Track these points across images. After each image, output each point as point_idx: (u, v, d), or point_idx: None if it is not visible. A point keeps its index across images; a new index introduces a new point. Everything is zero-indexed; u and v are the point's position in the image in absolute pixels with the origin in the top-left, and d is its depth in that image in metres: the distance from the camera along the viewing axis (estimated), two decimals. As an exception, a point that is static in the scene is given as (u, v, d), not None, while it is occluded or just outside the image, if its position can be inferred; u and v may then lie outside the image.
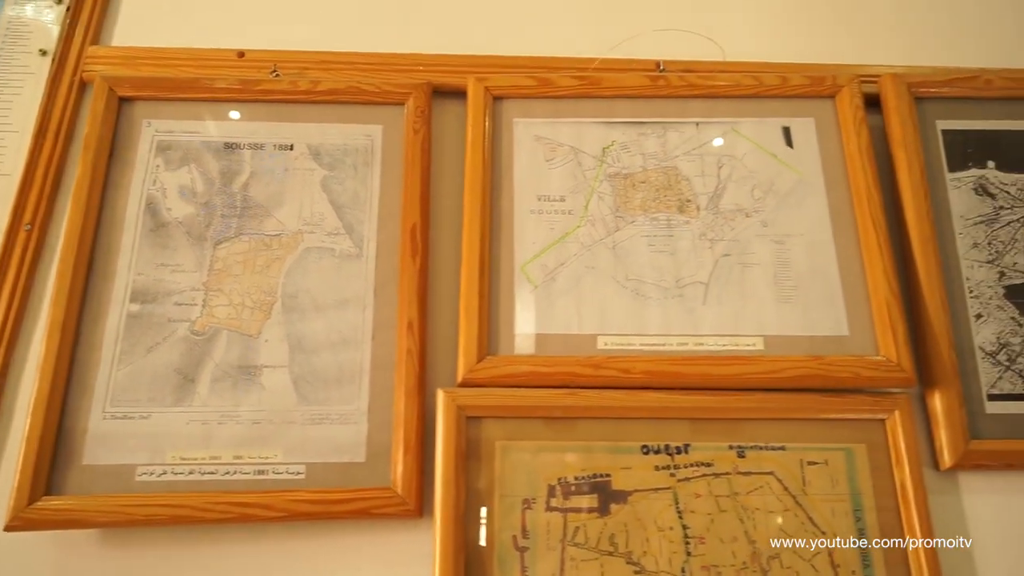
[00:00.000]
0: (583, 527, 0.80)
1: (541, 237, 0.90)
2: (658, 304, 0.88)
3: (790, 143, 0.95)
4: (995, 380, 0.88)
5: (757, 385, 0.85)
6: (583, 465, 0.83)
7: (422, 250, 0.89)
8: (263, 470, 0.81)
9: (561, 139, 0.95)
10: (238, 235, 0.90)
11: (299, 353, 0.85)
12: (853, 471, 0.84)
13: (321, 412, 0.83)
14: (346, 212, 0.91)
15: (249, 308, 0.87)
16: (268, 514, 0.79)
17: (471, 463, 0.82)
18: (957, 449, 0.84)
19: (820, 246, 0.91)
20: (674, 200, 0.93)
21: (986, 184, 0.95)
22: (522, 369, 0.84)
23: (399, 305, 0.87)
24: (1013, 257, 0.92)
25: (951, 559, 0.83)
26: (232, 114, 0.94)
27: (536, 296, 0.88)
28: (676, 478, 0.83)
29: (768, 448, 0.85)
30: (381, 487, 0.81)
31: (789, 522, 0.82)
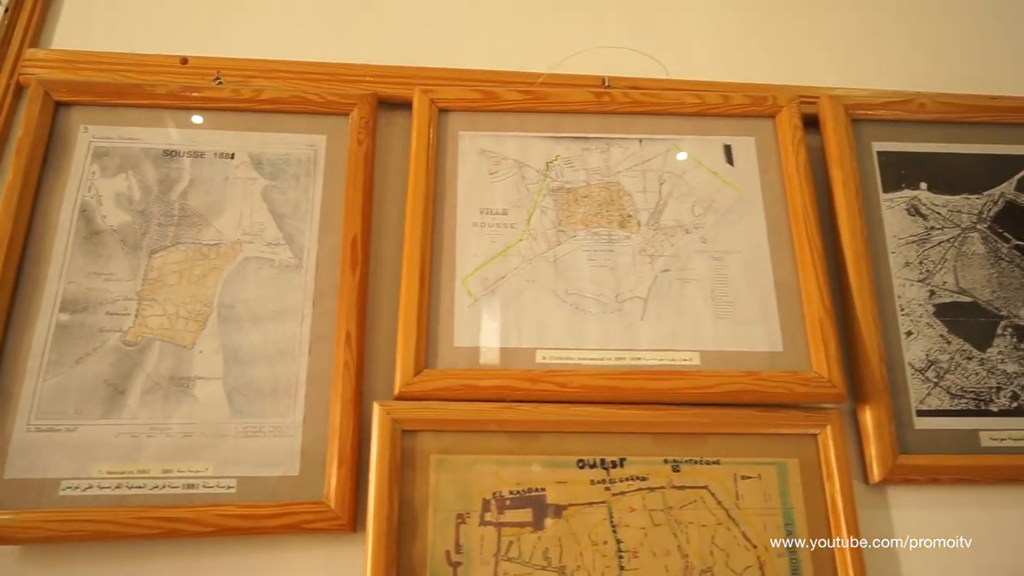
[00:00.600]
0: (517, 542, 0.80)
1: (483, 250, 0.91)
2: (597, 319, 0.89)
3: (731, 161, 0.97)
4: (924, 396, 0.90)
5: (693, 400, 0.86)
6: (518, 479, 0.83)
7: (362, 262, 0.89)
8: (193, 484, 0.80)
9: (505, 153, 0.95)
10: (175, 244, 0.88)
11: (234, 365, 0.84)
12: (785, 485, 0.86)
13: (255, 425, 0.82)
14: (287, 222, 0.90)
15: (184, 319, 0.85)
16: (196, 529, 0.77)
17: (406, 477, 0.81)
18: (886, 464, 0.86)
19: (757, 263, 0.92)
20: (616, 215, 0.94)
21: (918, 205, 0.97)
22: (459, 383, 0.84)
23: (337, 317, 0.86)
24: (943, 276, 0.95)
25: (877, 569, 0.85)
26: (174, 121, 0.93)
27: (476, 309, 0.88)
28: (611, 492, 0.83)
29: (703, 462, 0.86)
30: (314, 501, 0.80)
31: (722, 536, 0.83)
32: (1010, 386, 0.91)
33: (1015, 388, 0.91)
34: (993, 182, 0.99)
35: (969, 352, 0.92)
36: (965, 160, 1.00)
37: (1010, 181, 0.99)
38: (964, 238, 0.97)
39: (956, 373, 0.91)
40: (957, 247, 0.96)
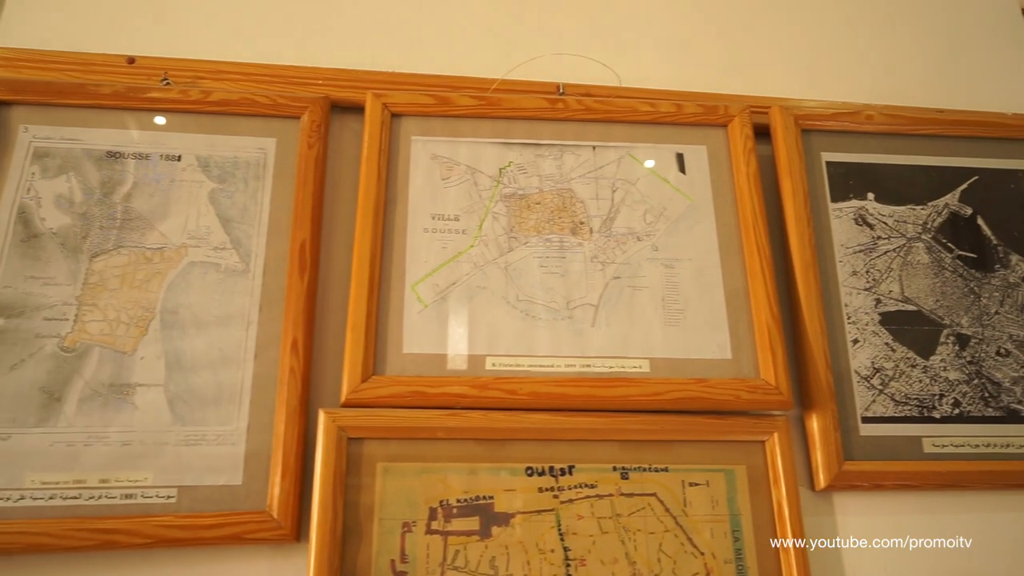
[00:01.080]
0: (464, 550, 0.80)
1: (433, 256, 0.90)
2: (547, 325, 0.89)
3: (683, 169, 0.98)
4: (869, 403, 0.91)
5: (642, 407, 0.86)
6: (466, 487, 0.82)
7: (311, 267, 0.88)
8: (131, 494, 0.78)
9: (458, 158, 0.95)
10: (117, 248, 0.86)
11: (176, 371, 0.83)
12: (733, 492, 0.86)
13: (197, 433, 0.81)
14: (234, 226, 0.89)
15: (125, 324, 0.84)
16: (134, 540, 0.75)
17: (351, 485, 0.80)
18: (831, 470, 0.87)
19: (707, 270, 0.93)
20: (568, 222, 0.94)
21: (865, 215, 0.99)
22: (407, 390, 0.83)
23: (284, 323, 0.85)
24: (888, 285, 0.96)
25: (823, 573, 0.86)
26: (118, 122, 0.91)
27: (426, 316, 0.87)
28: (559, 500, 0.83)
29: (651, 470, 0.86)
30: (256, 511, 0.78)
31: (669, 543, 0.83)
32: (952, 393, 0.93)
33: (957, 395, 0.93)
34: (937, 193, 1.01)
35: (913, 360, 0.94)
36: (911, 171, 1.02)
37: (954, 192, 1.02)
38: (909, 248, 0.98)
39: (900, 380, 0.93)
40: (903, 256, 0.98)
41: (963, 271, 0.98)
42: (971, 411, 0.92)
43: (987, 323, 0.96)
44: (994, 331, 0.96)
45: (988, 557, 0.89)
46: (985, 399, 0.93)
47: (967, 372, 0.94)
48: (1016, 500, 0.91)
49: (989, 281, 0.98)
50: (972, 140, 1.04)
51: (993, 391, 0.94)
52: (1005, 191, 1.03)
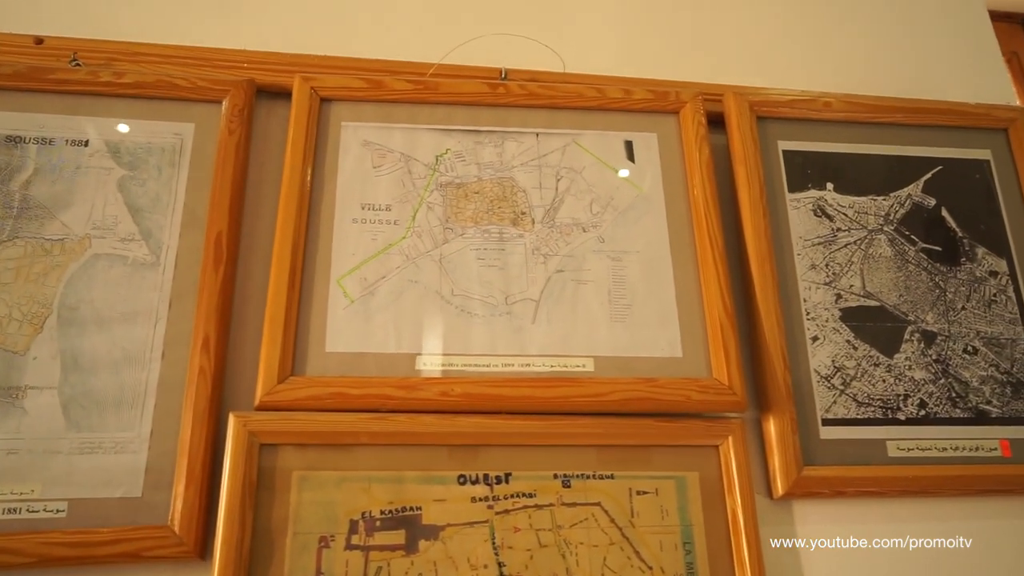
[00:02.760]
0: (387, 567, 0.72)
1: (362, 248, 0.84)
2: (484, 322, 0.82)
3: (632, 157, 0.92)
4: (830, 404, 0.86)
5: (585, 409, 0.80)
6: (391, 497, 0.75)
7: (227, 260, 0.81)
8: (15, 508, 0.70)
9: (392, 145, 0.89)
10: (12, 239, 0.79)
11: (73, 373, 0.75)
12: (684, 501, 0.80)
13: (93, 440, 0.73)
14: (144, 216, 0.82)
15: (17, 321, 0.76)
16: (15, 560, 0.68)
17: (263, 497, 0.73)
18: (790, 476, 0.81)
19: (657, 263, 0.87)
20: (508, 212, 0.88)
21: (824, 206, 0.94)
22: (328, 391, 0.76)
23: (196, 319, 0.78)
24: (849, 279, 0.91)
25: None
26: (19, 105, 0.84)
27: (352, 312, 0.81)
28: (494, 511, 0.76)
29: (596, 477, 0.79)
30: (156, 525, 0.71)
31: (614, 556, 0.77)
32: (918, 394, 0.87)
33: (923, 396, 0.87)
34: (900, 183, 0.96)
35: (876, 358, 0.88)
36: (872, 161, 0.97)
37: (917, 183, 0.97)
38: (871, 240, 0.93)
39: (863, 380, 0.87)
40: (864, 249, 0.93)
41: (928, 265, 0.93)
42: (938, 412, 0.87)
43: (953, 319, 0.91)
44: (961, 328, 0.91)
45: (957, 566, 0.83)
46: (952, 399, 0.88)
47: (933, 371, 0.88)
48: (986, 507, 0.85)
49: (955, 275, 0.93)
50: (935, 129, 0.99)
51: (961, 391, 0.88)
52: (970, 181, 0.98)
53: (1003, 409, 0.88)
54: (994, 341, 0.91)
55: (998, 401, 0.88)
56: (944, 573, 0.82)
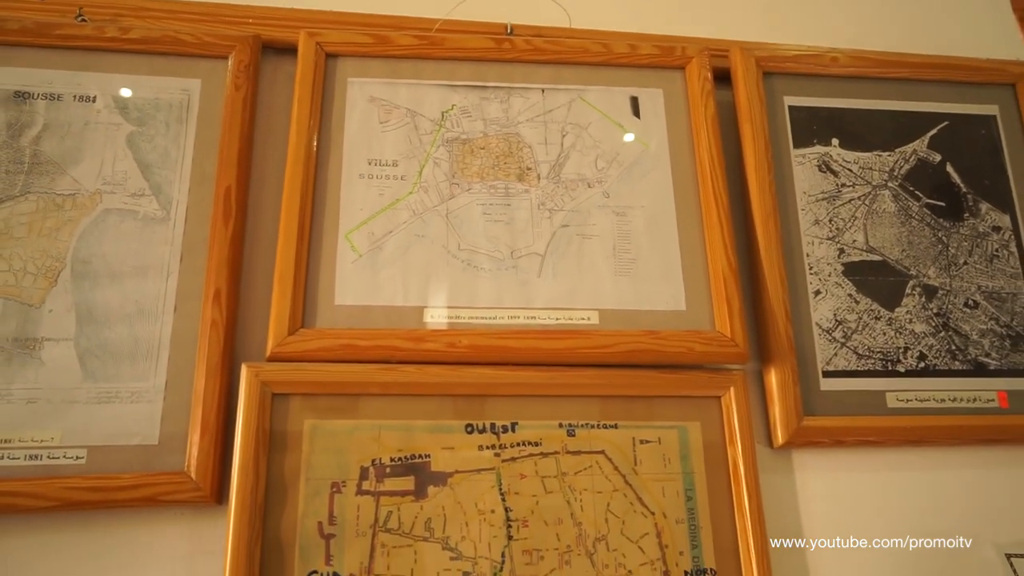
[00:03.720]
0: (397, 511, 0.75)
1: (369, 203, 0.84)
2: (491, 276, 0.83)
3: (637, 113, 0.92)
4: (831, 357, 0.87)
5: (589, 361, 0.81)
6: (400, 445, 0.77)
7: (236, 215, 0.82)
8: (37, 455, 0.72)
9: (398, 101, 0.89)
10: (24, 194, 0.80)
11: (88, 325, 0.77)
12: (686, 450, 0.82)
13: (110, 390, 0.75)
14: (154, 172, 0.83)
15: (32, 275, 0.77)
16: (38, 504, 0.70)
17: (276, 444, 0.75)
18: (790, 426, 0.83)
19: (661, 219, 0.88)
20: (514, 168, 0.88)
21: (829, 161, 0.94)
22: (337, 343, 0.78)
23: (207, 273, 0.79)
24: (852, 234, 0.92)
25: (780, 533, 0.81)
26: (26, 60, 0.84)
27: (360, 265, 0.82)
28: (501, 458, 0.78)
29: (600, 426, 0.81)
30: (173, 472, 0.73)
31: (618, 502, 0.79)
32: (917, 346, 0.89)
33: (922, 348, 0.89)
34: (905, 139, 0.96)
35: (877, 312, 0.89)
36: (878, 116, 0.97)
37: (923, 138, 0.97)
38: (875, 195, 0.94)
39: (864, 333, 0.88)
40: (868, 205, 0.93)
41: (931, 220, 0.94)
42: (937, 364, 0.88)
43: (955, 274, 0.92)
44: (962, 282, 0.92)
45: (953, 513, 0.85)
46: (952, 352, 0.89)
47: (933, 324, 0.90)
48: (983, 456, 0.87)
49: (958, 230, 0.94)
50: (942, 84, 0.99)
51: (960, 344, 0.89)
52: (976, 137, 0.98)
53: (1001, 361, 0.89)
54: (995, 295, 0.92)
55: (997, 354, 0.89)
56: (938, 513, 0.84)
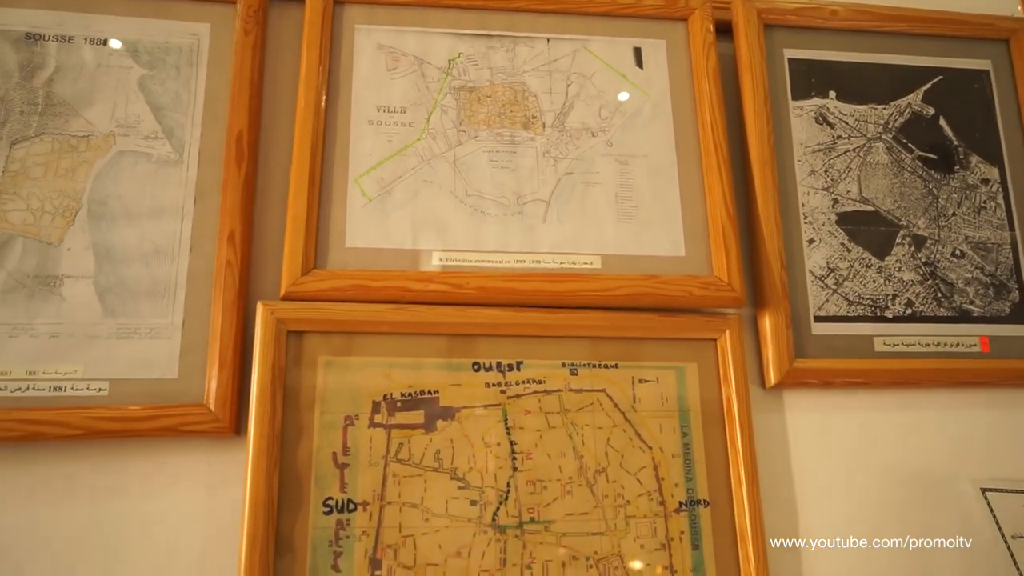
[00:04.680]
0: (408, 443, 0.78)
1: (379, 149, 0.86)
2: (497, 221, 0.86)
3: (640, 64, 0.94)
4: (822, 302, 0.90)
5: (592, 303, 0.84)
6: (410, 381, 0.80)
7: (249, 158, 0.83)
8: (60, 386, 0.75)
9: (405, 48, 0.90)
10: (39, 135, 0.81)
11: (106, 264, 0.79)
12: (683, 389, 0.86)
13: (130, 326, 0.78)
14: (166, 115, 0.84)
15: (50, 214, 0.79)
16: (63, 432, 0.73)
17: (291, 379, 0.78)
18: (782, 368, 0.87)
19: (663, 167, 0.90)
20: (520, 116, 0.90)
21: (826, 113, 0.97)
22: (349, 283, 0.80)
23: (221, 215, 0.81)
24: (847, 185, 0.95)
25: (770, 468, 0.86)
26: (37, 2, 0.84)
27: (370, 209, 0.84)
28: (506, 395, 0.82)
29: (601, 366, 0.85)
30: (193, 404, 0.76)
31: (617, 437, 0.83)
32: (905, 293, 0.92)
33: (910, 295, 0.92)
34: (901, 92, 0.99)
35: (868, 260, 0.93)
36: (875, 70, 0.99)
37: (917, 92, 0.99)
38: (869, 148, 0.96)
39: (854, 280, 0.92)
40: (862, 157, 0.96)
41: (922, 172, 0.97)
42: (923, 311, 0.92)
43: (944, 224, 0.95)
44: (950, 232, 0.95)
45: (934, 450, 0.89)
46: (938, 299, 0.93)
47: (921, 273, 0.93)
48: (964, 398, 0.92)
49: (948, 182, 0.97)
50: (938, 39, 1.01)
51: (946, 291, 0.93)
52: (968, 91, 1.00)
53: (985, 309, 0.93)
54: (981, 245, 0.95)
55: (980, 301, 0.93)
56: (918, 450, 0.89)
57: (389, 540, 0.75)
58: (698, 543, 0.81)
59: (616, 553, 0.79)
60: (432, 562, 0.76)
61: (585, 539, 0.79)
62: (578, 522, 0.79)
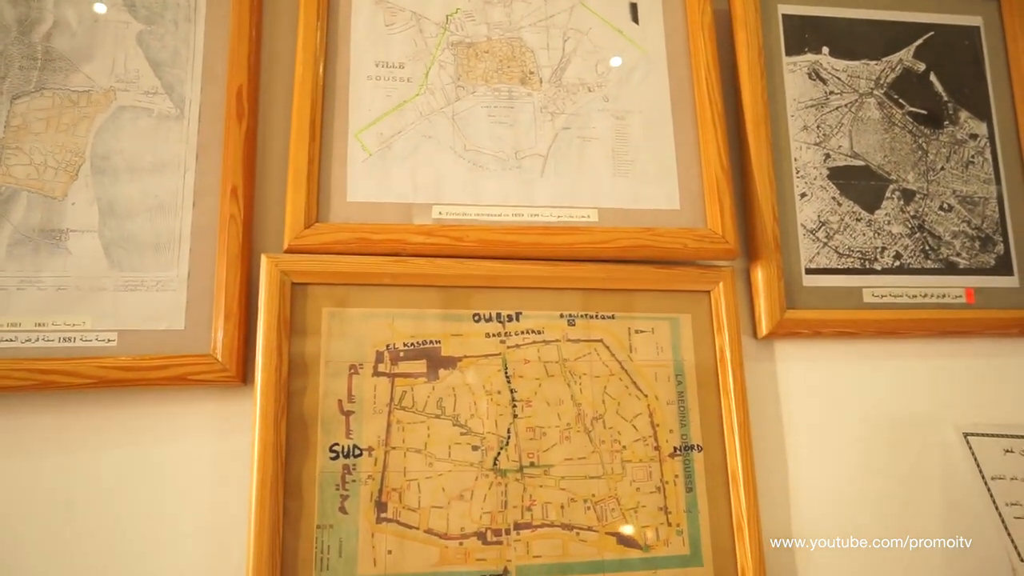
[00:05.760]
0: (411, 391, 0.81)
1: (378, 104, 0.87)
2: (495, 175, 0.87)
3: (636, 19, 0.95)
4: (813, 255, 0.93)
5: (589, 255, 0.86)
6: (413, 332, 0.82)
7: (249, 113, 0.84)
8: (70, 337, 0.76)
9: (402, 3, 0.90)
10: (39, 89, 0.82)
11: (111, 218, 0.80)
12: (677, 339, 0.88)
13: (135, 278, 0.79)
14: (165, 70, 0.84)
15: (53, 168, 0.80)
16: (75, 381, 0.75)
17: (296, 329, 0.80)
18: (773, 318, 0.89)
19: (658, 122, 0.92)
20: (517, 72, 0.91)
21: (819, 69, 0.98)
22: (351, 236, 0.82)
23: (223, 170, 0.82)
24: (838, 140, 0.96)
25: (761, 415, 0.89)
26: (31, -44, 0.84)
27: (370, 164, 0.85)
28: (506, 345, 0.84)
29: (598, 317, 0.87)
30: (201, 354, 0.78)
31: (614, 386, 0.85)
32: (894, 246, 0.95)
33: (899, 248, 0.95)
34: (892, 48, 1.00)
35: (858, 214, 0.95)
36: (867, 26, 1.00)
37: (909, 48, 1.00)
38: (861, 103, 0.98)
39: (845, 234, 0.94)
40: (854, 112, 0.97)
41: (912, 127, 0.98)
42: (911, 263, 0.94)
43: (932, 179, 0.97)
44: (939, 187, 0.97)
45: (919, 397, 0.93)
46: (925, 252, 0.95)
47: (910, 226, 0.95)
48: (949, 347, 0.95)
49: (937, 137, 0.99)
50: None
51: (933, 244, 0.95)
52: (959, 48, 1.02)
53: (970, 261, 0.96)
54: (968, 199, 0.98)
55: (967, 254, 0.96)
56: (906, 396, 0.92)
57: (394, 484, 0.78)
58: (692, 486, 0.84)
59: (613, 496, 0.82)
60: (436, 504, 0.78)
61: (583, 482, 0.82)
62: (576, 466, 0.82)
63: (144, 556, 0.75)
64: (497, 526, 0.79)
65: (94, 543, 0.75)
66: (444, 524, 0.78)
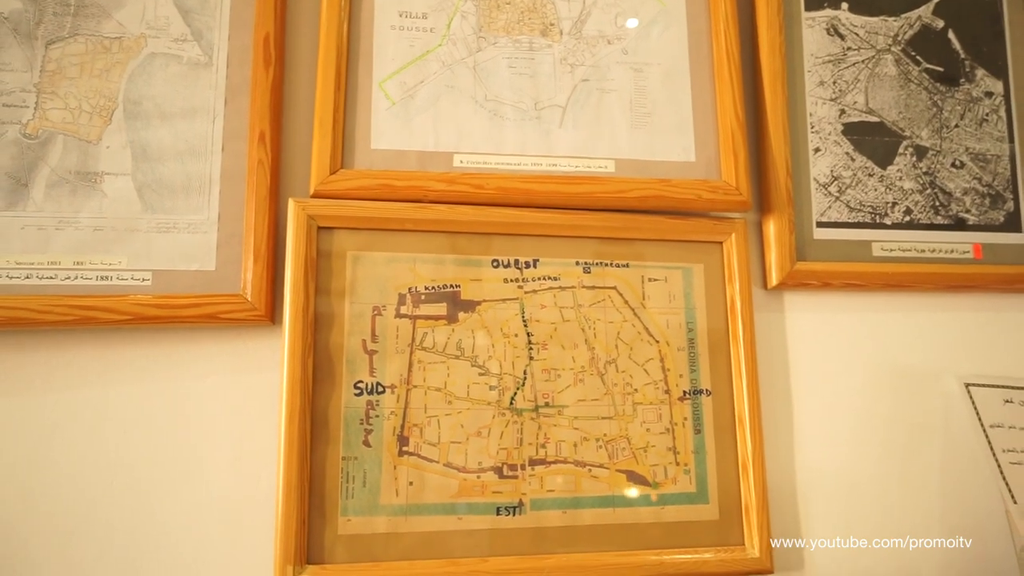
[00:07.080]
0: (431, 333, 0.84)
1: (401, 54, 0.89)
2: (515, 125, 0.89)
3: (656, -28, 0.96)
4: (825, 209, 0.95)
5: (605, 205, 0.88)
6: (433, 276, 0.85)
7: (276, 61, 0.86)
8: (106, 276, 0.80)
9: (426, -46, 0.92)
10: (73, 35, 0.84)
11: (143, 161, 0.83)
12: (689, 288, 0.91)
13: (168, 220, 0.82)
14: (194, 17, 0.86)
15: (87, 113, 0.83)
16: (112, 317, 0.78)
17: (322, 271, 0.83)
18: (783, 269, 0.92)
19: (676, 75, 0.93)
20: (538, 23, 0.92)
21: (838, 25, 0.98)
22: (375, 182, 0.84)
23: (251, 116, 0.85)
24: (854, 96, 0.97)
25: (769, 363, 0.92)
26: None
27: (394, 113, 0.87)
28: (524, 290, 0.87)
29: (613, 265, 0.89)
30: (231, 294, 0.81)
31: (627, 331, 0.88)
32: (905, 202, 0.96)
33: (909, 204, 0.96)
34: (912, 4, 1.00)
35: (871, 169, 0.96)
36: (887, -19, 1.00)
37: (928, 4, 1.01)
38: (878, 60, 0.99)
39: (857, 188, 0.95)
40: (871, 68, 0.98)
41: (928, 84, 0.99)
42: (921, 219, 0.96)
43: (946, 136, 0.98)
44: (952, 144, 0.98)
45: (925, 349, 0.95)
46: (935, 208, 0.97)
47: (921, 182, 0.97)
48: (956, 301, 0.97)
49: (953, 95, 1.00)
50: (951, -50, 1.02)
51: (944, 200, 0.97)
52: (978, 5, 1.02)
53: (980, 218, 0.97)
54: (980, 157, 0.99)
55: (976, 210, 0.97)
56: (907, 347, 0.95)
57: (415, 420, 0.82)
58: (700, 428, 0.87)
59: (624, 436, 0.86)
60: (455, 440, 0.82)
61: (595, 422, 0.85)
62: (589, 407, 0.86)
63: (179, 482, 0.80)
64: (513, 461, 0.83)
65: (129, 472, 0.79)
66: (462, 459, 0.82)
